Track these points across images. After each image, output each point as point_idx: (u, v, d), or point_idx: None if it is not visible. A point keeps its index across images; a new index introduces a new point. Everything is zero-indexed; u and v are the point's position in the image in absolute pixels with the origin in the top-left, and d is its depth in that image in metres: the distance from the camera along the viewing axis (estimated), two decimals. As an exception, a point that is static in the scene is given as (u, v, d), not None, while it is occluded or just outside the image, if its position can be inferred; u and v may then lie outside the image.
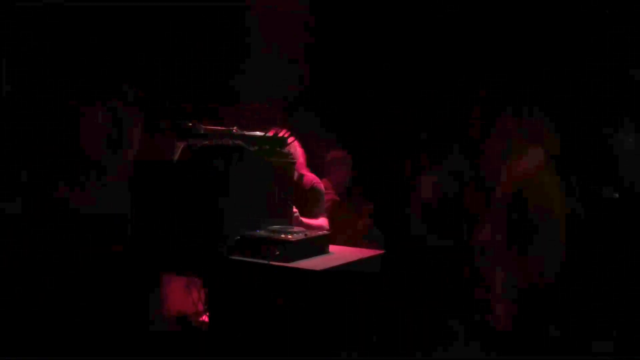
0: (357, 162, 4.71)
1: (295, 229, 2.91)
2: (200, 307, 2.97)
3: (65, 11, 3.56)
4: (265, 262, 2.67)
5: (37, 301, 3.10)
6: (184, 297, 2.99)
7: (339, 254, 2.89)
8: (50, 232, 3.21)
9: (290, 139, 3.23)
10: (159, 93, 3.95)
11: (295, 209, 3.44)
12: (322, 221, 3.77)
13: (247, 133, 3.00)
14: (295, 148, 3.81)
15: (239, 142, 2.94)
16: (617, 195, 3.86)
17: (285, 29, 4.71)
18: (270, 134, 3.15)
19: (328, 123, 4.74)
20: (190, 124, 2.94)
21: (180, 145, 2.92)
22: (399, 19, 4.79)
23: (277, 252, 2.68)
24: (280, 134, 3.20)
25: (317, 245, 2.85)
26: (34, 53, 3.46)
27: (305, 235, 2.81)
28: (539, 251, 3.34)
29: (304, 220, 3.62)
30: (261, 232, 2.81)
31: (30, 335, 3.05)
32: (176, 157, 2.92)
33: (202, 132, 2.95)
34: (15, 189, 3.26)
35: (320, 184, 3.89)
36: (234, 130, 2.99)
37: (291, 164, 3.11)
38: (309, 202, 3.79)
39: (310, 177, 3.88)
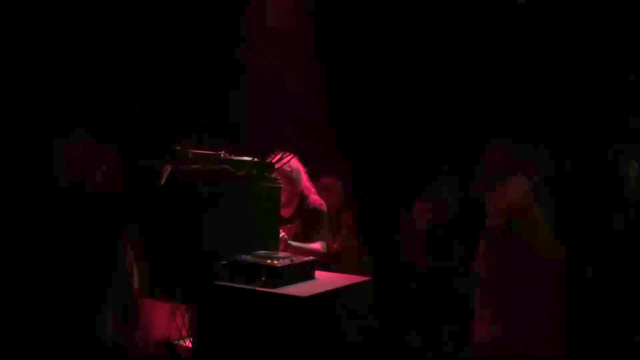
0: (357, 163, 4.71)
1: (282, 254, 2.90)
2: (185, 333, 2.94)
3: (65, 11, 3.56)
4: (251, 287, 2.65)
5: (37, 301, 3.07)
6: (168, 322, 2.96)
7: (325, 280, 2.88)
8: (50, 232, 3.19)
9: (286, 159, 3.25)
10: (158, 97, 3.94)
11: (282, 232, 3.43)
12: (317, 245, 3.74)
13: (235, 158, 3.00)
14: (299, 172, 3.83)
15: (226, 166, 2.94)
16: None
17: (285, 29, 4.70)
18: (275, 157, 3.17)
19: (327, 123, 4.73)
20: (178, 147, 2.94)
21: (167, 169, 2.91)
22: (399, 19, 4.78)
23: (263, 278, 2.67)
24: (282, 156, 3.22)
25: (303, 271, 2.84)
26: (34, 53, 3.46)
27: (291, 260, 2.80)
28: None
29: (295, 243, 3.60)
30: (247, 257, 2.79)
31: (30, 336, 3.01)
32: (162, 180, 2.91)
33: (189, 155, 2.94)
34: (15, 188, 3.24)
35: (322, 206, 3.88)
36: (222, 155, 2.99)
37: (278, 188, 3.11)
38: (310, 224, 3.78)
39: (313, 199, 3.87)
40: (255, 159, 3.00)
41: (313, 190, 3.94)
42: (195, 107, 4.21)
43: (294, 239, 3.71)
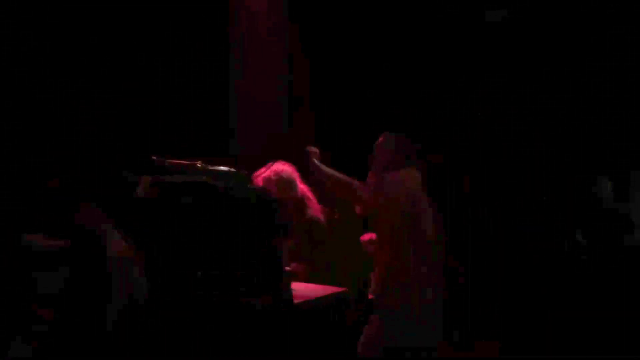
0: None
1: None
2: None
3: (65, 11, 3.57)
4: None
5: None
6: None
7: (301, 291, 2.87)
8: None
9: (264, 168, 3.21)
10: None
11: None
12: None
13: (211, 168, 2.98)
14: (291, 180, 3.48)
15: (203, 177, 2.92)
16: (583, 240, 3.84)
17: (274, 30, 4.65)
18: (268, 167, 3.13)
19: (325, 123, 4.68)
20: (154, 158, 2.93)
21: (143, 180, 2.89)
22: (397, 19, 4.75)
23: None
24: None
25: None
26: (34, 53, 3.46)
27: (267, 272, 2.78)
28: None
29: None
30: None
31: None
32: (139, 191, 2.90)
33: (166, 166, 2.93)
34: (13, 188, 3.24)
35: (317, 222, 3.49)
36: (198, 165, 2.97)
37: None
38: (304, 238, 3.40)
39: (310, 210, 3.51)
40: (232, 169, 2.99)
41: (314, 199, 3.59)
42: (182, 114, 4.19)
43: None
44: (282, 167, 3.47)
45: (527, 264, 4.27)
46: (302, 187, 3.55)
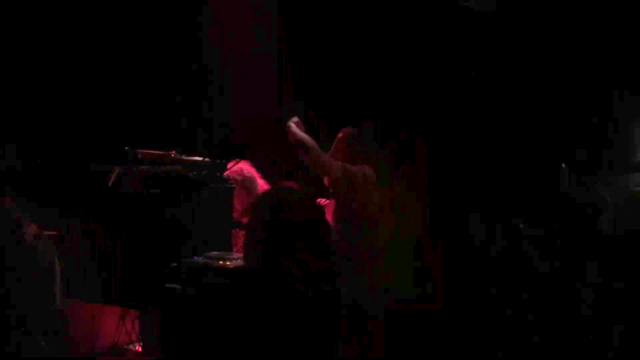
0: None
1: (235, 255, 2.85)
2: (134, 337, 2.87)
3: (68, 12, 3.53)
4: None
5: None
6: (117, 327, 2.89)
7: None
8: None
9: (230, 164, 3.18)
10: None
11: None
12: None
13: (185, 158, 2.95)
14: (253, 180, 3.50)
15: (177, 167, 2.89)
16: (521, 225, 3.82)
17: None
18: (231, 164, 3.11)
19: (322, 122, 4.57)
20: (127, 148, 2.88)
21: (116, 170, 2.85)
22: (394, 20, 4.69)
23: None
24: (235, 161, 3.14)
25: (255, 271, 2.79)
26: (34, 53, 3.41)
27: (244, 261, 2.75)
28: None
29: None
30: (199, 259, 2.74)
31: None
32: (111, 181, 2.85)
33: (139, 157, 2.89)
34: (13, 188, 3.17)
35: None
36: (172, 155, 2.94)
37: (230, 189, 3.06)
38: None
39: None
40: (207, 159, 2.95)
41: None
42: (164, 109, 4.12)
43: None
44: (244, 167, 3.49)
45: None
46: (261, 182, 3.59)
